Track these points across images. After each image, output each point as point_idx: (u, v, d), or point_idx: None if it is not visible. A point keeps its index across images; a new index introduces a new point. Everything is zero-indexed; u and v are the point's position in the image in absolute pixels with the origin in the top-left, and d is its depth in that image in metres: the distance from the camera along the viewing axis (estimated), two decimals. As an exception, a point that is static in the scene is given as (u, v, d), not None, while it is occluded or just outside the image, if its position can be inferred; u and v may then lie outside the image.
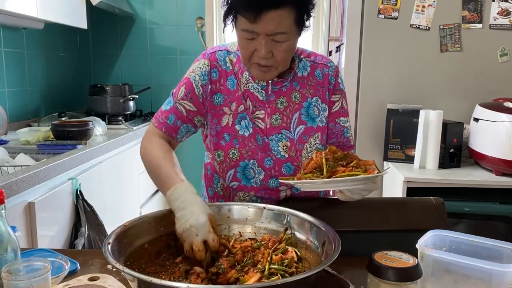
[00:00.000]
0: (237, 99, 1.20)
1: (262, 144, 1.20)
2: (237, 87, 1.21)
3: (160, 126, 1.22)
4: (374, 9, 2.36)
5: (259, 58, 1.11)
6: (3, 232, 0.82)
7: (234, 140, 1.20)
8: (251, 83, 1.21)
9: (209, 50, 1.26)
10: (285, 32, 1.07)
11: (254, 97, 1.21)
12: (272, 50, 1.09)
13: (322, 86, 1.24)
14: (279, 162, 1.21)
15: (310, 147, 1.22)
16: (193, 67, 1.24)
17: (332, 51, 3.26)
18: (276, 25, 1.05)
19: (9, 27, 2.44)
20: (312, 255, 0.93)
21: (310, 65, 1.25)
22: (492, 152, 2.02)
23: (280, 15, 1.04)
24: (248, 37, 1.09)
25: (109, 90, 2.94)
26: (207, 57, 1.23)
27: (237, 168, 1.22)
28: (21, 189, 1.51)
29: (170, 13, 3.36)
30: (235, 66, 1.22)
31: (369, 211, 1.12)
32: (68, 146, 2.05)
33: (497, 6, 2.30)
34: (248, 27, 1.06)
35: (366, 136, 2.47)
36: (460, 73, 2.37)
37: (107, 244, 0.81)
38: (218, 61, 1.22)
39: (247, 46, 1.11)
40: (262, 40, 1.07)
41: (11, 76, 2.52)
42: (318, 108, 1.24)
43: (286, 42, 1.09)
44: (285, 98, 1.22)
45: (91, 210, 1.94)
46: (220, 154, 1.22)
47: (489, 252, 0.88)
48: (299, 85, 1.23)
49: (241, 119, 1.20)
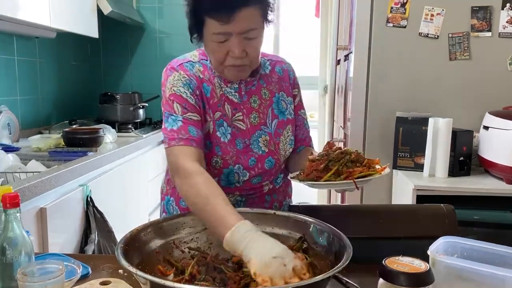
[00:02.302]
0: (213, 106, 1.20)
1: (242, 147, 1.21)
2: (212, 94, 1.20)
3: (188, 142, 1.11)
4: (383, 18, 2.37)
5: (233, 59, 1.11)
6: (18, 235, 0.83)
7: (216, 147, 1.19)
8: (224, 88, 1.22)
9: (173, 63, 1.22)
10: (256, 28, 1.10)
11: (230, 100, 1.22)
12: (245, 48, 1.10)
13: (284, 81, 1.31)
14: (261, 158, 1.22)
15: (285, 139, 1.27)
16: (170, 83, 1.18)
17: (340, 59, 3.27)
18: (249, 23, 1.08)
19: (22, 36, 2.48)
20: (322, 261, 0.93)
21: (269, 63, 1.31)
22: (502, 160, 2.01)
23: (250, 12, 1.07)
24: (220, 40, 1.09)
25: (119, 98, 2.97)
26: (178, 69, 1.20)
27: (221, 176, 1.20)
28: (33, 194, 1.53)
29: (180, 23, 3.37)
30: (205, 74, 1.21)
31: (379, 218, 1.12)
32: (79, 153, 2.07)
33: (506, 15, 2.30)
34: (220, 29, 1.07)
35: (375, 144, 2.47)
36: (469, 81, 2.36)
37: (120, 247, 0.82)
38: (189, 71, 1.20)
39: (220, 49, 1.11)
40: (235, 39, 1.08)
41: (24, 84, 2.55)
42: (285, 102, 1.30)
43: (257, 38, 1.12)
44: (256, 96, 1.25)
45: (101, 216, 1.95)
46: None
47: (501, 259, 0.87)
48: (265, 82, 1.28)
49: (219, 126, 1.20)
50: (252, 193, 1.25)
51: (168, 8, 3.38)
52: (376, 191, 2.47)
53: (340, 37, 3.13)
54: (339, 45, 3.11)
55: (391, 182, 2.41)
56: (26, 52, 2.57)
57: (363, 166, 1.06)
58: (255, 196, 1.25)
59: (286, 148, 1.27)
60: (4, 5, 1.86)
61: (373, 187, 2.43)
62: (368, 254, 0.93)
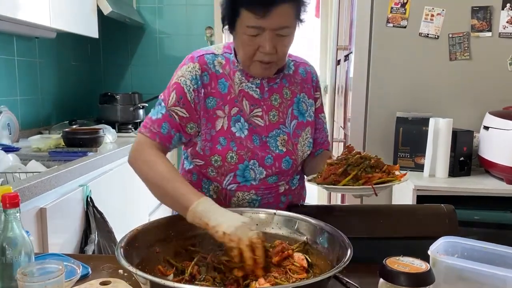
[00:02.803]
0: (229, 102, 1.19)
1: (259, 144, 1.20)
2: (229, 90, 1.19)
3: (153, 136, 1.15)
4: (383, 18, 2.37)
5: (263, 55, 1.11)
6: (18, 236, 0.83)
7: (231, 143, 1.18)
8: (245, 83, 1.21)
9: (195, 53, 1.22)
10: (289, 26, 1.10)
11: (250, 96, 1.21)
12: (275, 45, 1.10)
13: (307, 83, 1.31)
14: (278, 157, 1.21)
15: (303, 140, 1.26)
16: (181, 72, 1.18)
17: (340, 60, 3.27)
18: (283, 20, 1.08)
19: (22, 37, 2.48)
20: (322, 261, 0.93)
21: (293, 64, 1.31)
22: (502, 160, 2.01)
23: (286, 9, 1.07)
24: (253, 34, 1.09)
25: (119, 98, 2.97)
26: (196, 60, 1.19)
27: (236, 172, 1.19)
28: (33, 195, 1.53)
29: (180, 23, 3.39)
30: (225, 68, 1.21)
31: (380, 218, 1.12)
32: (79, 153, 2.07)
33: (507, 15, 2.30)
34: (255, 23, 1.07)
35: (375, 144, 2.47)
36: (469, 82, 2.36)
37: (120, 247, 0.82)
38: (207, 64, 1.19)
39: (251, 43, 1.11)
40: (268, 35, 1.08)
41: (24, 85, 2.55)
42: (306, 104, 1.29)
43: (289, 37, 1.12)
44: (278, 95, 1.24)
45: (101, 216, 1.95)
46: (217, 159, 1.18)
47: (502, 259, 0.87)
48: (288, 82, 1.27)
49: (236, 122, 1.19)
50: (268, 193, 1.23)
51: (168, 8, 3.38)
52: (376, 191, 2.47)
53: (340, 37, 3.13)
54: (339, 45, 3.11)
55: (391, 182, 2.41)
56: (26, 52, 2.57)
57: (382, 172, 1.06)
58: (271, 196, 1.24)
59: (304, 150, 1.26)
60: (4, 5, 1.86)
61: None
62: (369, 254, 0.93)
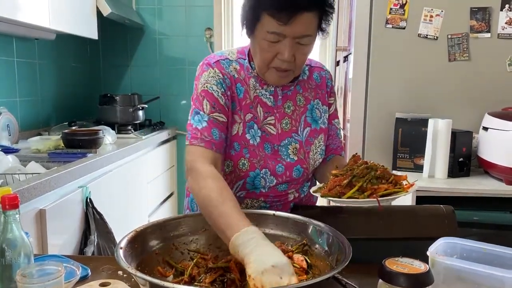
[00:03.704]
0: (244, 108, 1.18)
1: (271, 152, 1.19)
2: (245, 95, 1.19)
3: (208, 145, 1.10)
4: (382, 19, 2.38)
5: (281, 62, 1.09)
6: (17, 237, 0.83)
7: (244, 149, 1.17)
8: (259, 90, 1.20)
9: (210, 59, 1.20)
10: (311, 35, 1.08)
11: (264, 103, 1.20)
12: (294, 53, 1.09)
13: (321, 89, 1.28)
14: (289, 166, 1.20)
15: (315, 148, 1.24)
16: (204, 78, 1.16)
17: (339, 60, 3.28)
18: (305, 28, 1.06)
19: (21, 38, 2.48)
20: (322, 262, 0.93)
21: (308, 69, 1.28)
22: (501, 161, 2.01)
23: (309, 18, 1.05)
24: (274, 40, 1.07)
25: (119, 99, 2.97)
26: (214, 66, 1.18)
27: (246, 179, 1.18)
28: (33, 196, 1.53)
29: (179, 24, 3.39)
30: (240, 74, 1.20)
31: (378, 218, 1.12)
32: (78, 154, 2.07)
33: (505, 16, 2.30)
34: (277, 29, 1.05)
35: (374, 145, 2.47)
36: (468, 82, 2.37)
37: (119, 248, 0.82)
38: (224, 69, 1.18)
39: (270, 49, 1.09)
40: (288, 42, 1.06)
41: (23, 86, 2.55)
42: (320, 110, 1.27)
43: (309, 46, 1.11)
44: (291, 102, 1.23)
45: (101, 218, 1.95)
46: (229, 164, 1.18)
47: (500, 260, 0.87)
48: (302, 88, 1.25)
49: (249, 128, 1.18)
50: (277, 200, 1.22)
51: (168, 10, 3.38)
52: (376, 192, 2.47)
53: (340, 38, 3.14)
54: (338, 46, 3.12)
55: (391, 183, 2.41)
56: (25, 54, 2.57)
57: (388, 183, 1.01)
58: (280, 204, 1.23)
59: (316, 158, 1.25)
60: (4, 6, 1.86)
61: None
62: (368, 255, 0.93)
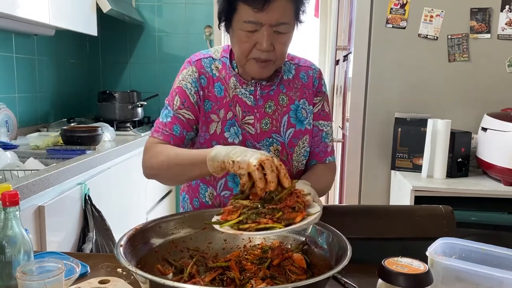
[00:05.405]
0: (225, 106, 1.19)
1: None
2: (225, 93, 1.20)
3: (167, 138, 1.16)
4: (382, 19, 2.38)
5: (259, 52, 1.10)
6: (17, 234, 0.83)
7: None
8: (239, 89, 1.20)
9: (193, 57, 1.24)
10: (288, 22, 1.09)
11: (243, 102, 1.20)
12: (273, 42, 1.09)
13: (308, 89, 1.26)
14: None
15: (299, 150, 1.23)
16: (182, 75, 1.21)
17: (339, 60, 3.28)
18: (282, 15, 1.07)
19: (21, 34, 2.47)
20: (321, 262, 0.93)
21: (294, 68, 1.27)
22: (500, 162, 2.02)
23: (284, 5, 1.07)
24: (251, 29, 1.08)
25: (118, 96, 2.96)
26: (193, 64, 1.21)
27: (227, 177, 1.19)
28: (31, 193, 1.52)
29: (179, 22, 3.39)
30: (221, 73, 1.21)
31: (378, 218, 1.13)
32: (77, 151, 2.07)
33: (505, 17, 2.30)
34: (253, 17, 1.06)
35: (373, 145, 2.47)
36: (468, 83, 2.37)
37: (119, 246, 0.82)
38: (204, 68, 1.21)
39: (247, 39, 1.10)
40: (265, 31, 1.07)
41: (22, 82, 2.54)
42: (306, 111, 1.25)
43: (287, 34, 1.11)
44: (273, 102, 1.22)
45: (99, 215, 1.95)
46: None
47: (499, 261, 0.87)
48: (286, 88, 1.24)
49: (230, 126, 1.19)
50: None
51: (167, 7, 3.37)
52: (374, 192, 2.48)
53: (340, 38, 3.14)
54: (338, 45, 3.12)
55: (389, 183, 2.41)
56: (24, 50, 2.56)
57: (277, 217, 0.83)
58: None
59: (299, 159, 1.24)
60: (3, 2, 1.85)
61: (371, 188, 2.43)
62: (367, 255, 0.93)
